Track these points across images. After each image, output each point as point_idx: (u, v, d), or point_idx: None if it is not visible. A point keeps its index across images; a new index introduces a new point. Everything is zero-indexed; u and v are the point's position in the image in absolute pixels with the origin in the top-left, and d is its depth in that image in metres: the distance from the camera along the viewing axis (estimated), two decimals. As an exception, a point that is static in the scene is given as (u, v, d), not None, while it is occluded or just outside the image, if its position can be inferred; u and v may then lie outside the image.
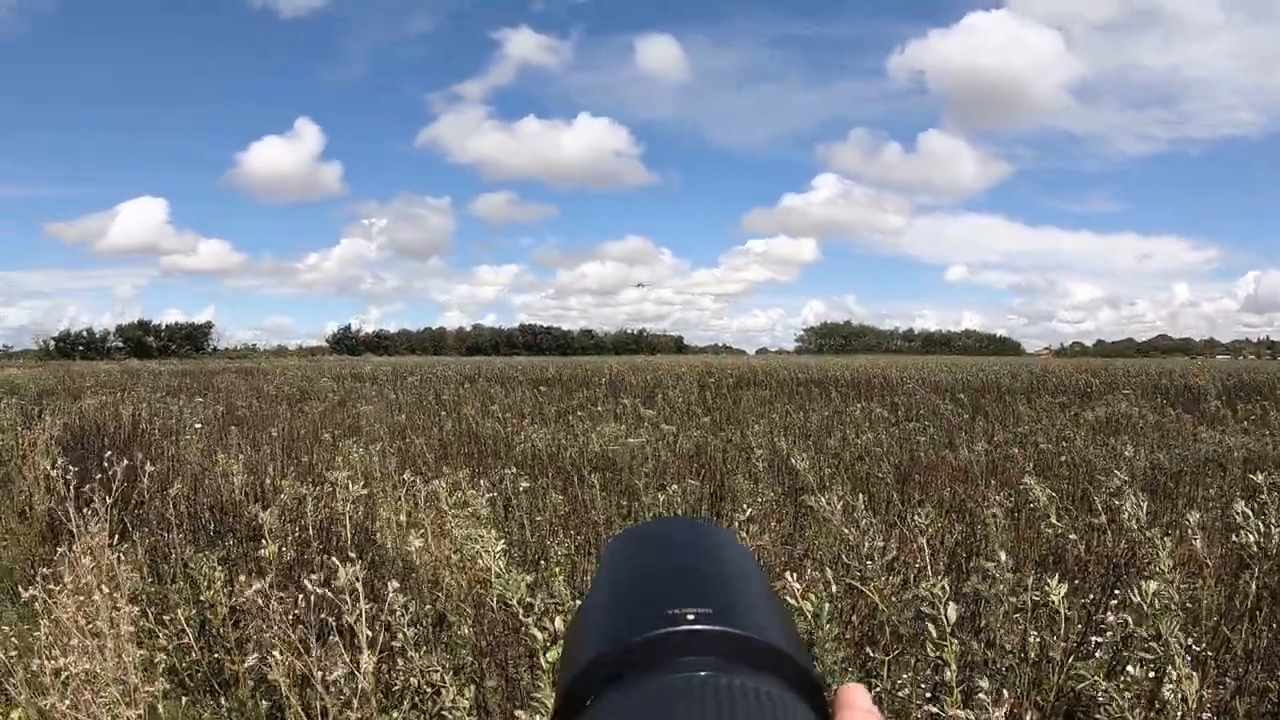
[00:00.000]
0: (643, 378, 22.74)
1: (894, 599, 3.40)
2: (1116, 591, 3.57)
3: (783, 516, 6.10)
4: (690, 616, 0.35)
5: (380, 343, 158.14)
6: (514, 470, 6.65)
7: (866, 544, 3.59)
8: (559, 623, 2.73)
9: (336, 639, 3.14)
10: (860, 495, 4.51)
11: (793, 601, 2.92)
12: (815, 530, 5.61)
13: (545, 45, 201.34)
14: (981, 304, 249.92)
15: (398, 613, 3.01)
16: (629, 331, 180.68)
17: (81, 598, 3.30)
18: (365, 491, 5.23)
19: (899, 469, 7.82)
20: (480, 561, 3.24)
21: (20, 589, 3.53)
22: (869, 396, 15.86)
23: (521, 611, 2.86)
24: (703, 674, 0.33)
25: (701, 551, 0.42)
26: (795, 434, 10.46)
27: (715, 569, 0.40)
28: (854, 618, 3.68)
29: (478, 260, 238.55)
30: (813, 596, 2.89)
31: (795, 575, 2.95)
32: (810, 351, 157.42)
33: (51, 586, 3.38)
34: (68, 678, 3.10)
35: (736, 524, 4.22)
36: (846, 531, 3.97)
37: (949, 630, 2.60)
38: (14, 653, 3.19)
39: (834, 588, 3.05)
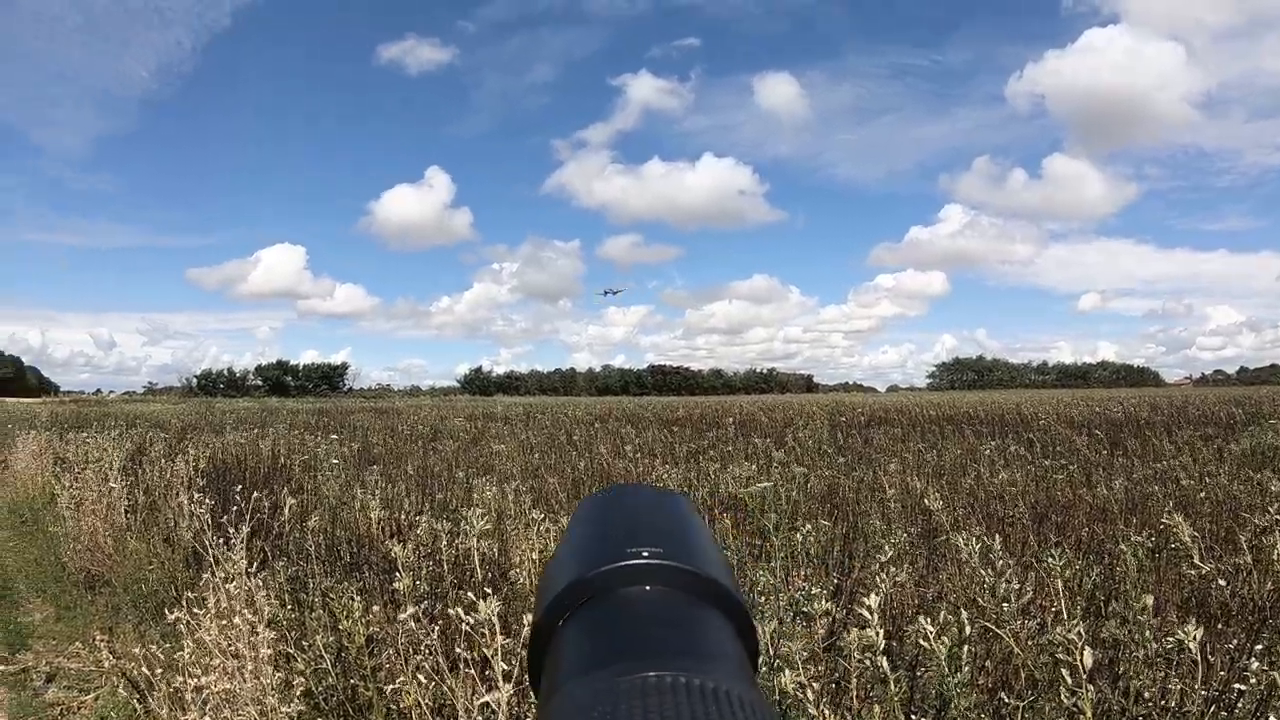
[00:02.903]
0: (773, 417, 22.59)
1: (1030, 643, 3.28)
2: (1263, 636, 3.37)
3: (916, 558, 5.95)
4: (645, 554, 0.42)
5: (511, 383, 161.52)
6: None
7: (1002, 586, 3.48)
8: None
9: (458, 673, 3.19)
10: (996, 536, 4.36)
11: (925, 644, 2.85)
12: (950, 572, 5.45)
13: (665, 89, 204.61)
14: (1117, 333, 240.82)
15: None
16: (758, 371, 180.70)
17: (224, 621, 3.44)
18: (495, 528, 5.29)
19: (1035, 508, 7.55)
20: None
21: (166, 610, 3.72)
22: (1003, 434, 15.41)
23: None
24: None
25: (655, 508, 0.50)
26: (928, 473, 10.22)
27: (666, 520, 0.48)
28: (988, 662, 3.56)
29: (606, 302, 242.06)
30: (945, 639, 2.82)
31: (929, 618, 2.88)
32: (942, 388, 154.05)
33: (196, 610, 3.53)
34: (208, 695, 3.24)
35: (877, 566, 4.12)
36: (982, 573, 3.85)
37: (1085, 677, 2.50)
38: (159, 669, 3.34)
39: (968, 630, 2.97)
